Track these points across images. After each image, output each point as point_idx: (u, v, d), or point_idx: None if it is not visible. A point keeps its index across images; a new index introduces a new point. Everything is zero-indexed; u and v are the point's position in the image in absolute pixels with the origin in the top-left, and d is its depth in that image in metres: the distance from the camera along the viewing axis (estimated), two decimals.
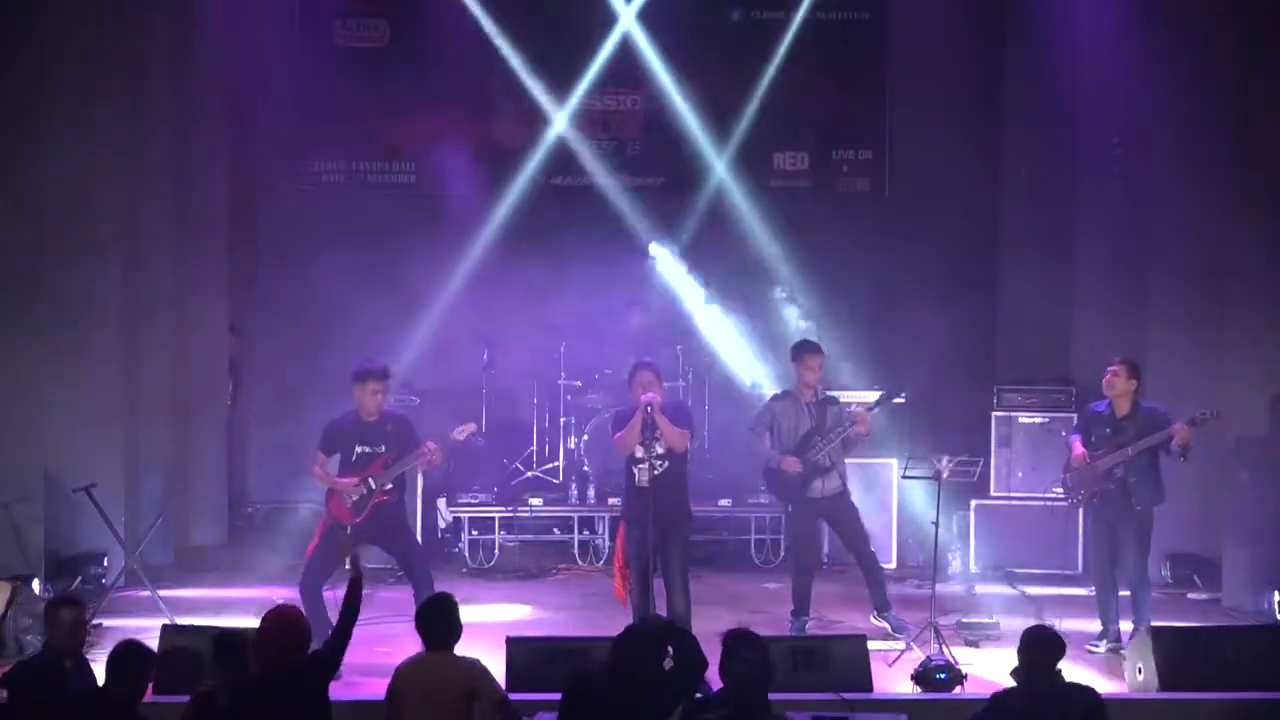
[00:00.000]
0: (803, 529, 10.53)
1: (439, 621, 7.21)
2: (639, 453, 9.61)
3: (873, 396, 11.02)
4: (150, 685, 7.15)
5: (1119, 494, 9.94)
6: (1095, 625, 10.14)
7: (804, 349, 10.54)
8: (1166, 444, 9.77)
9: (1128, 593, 10.08)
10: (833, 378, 11.93)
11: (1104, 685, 8.80)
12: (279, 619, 6.96)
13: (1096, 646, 9.99)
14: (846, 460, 10.55)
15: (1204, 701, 8.31)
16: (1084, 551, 12.00)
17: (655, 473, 9.54)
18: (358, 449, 9.66)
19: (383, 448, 9.64)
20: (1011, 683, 6.98)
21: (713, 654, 7.06)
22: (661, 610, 9.65)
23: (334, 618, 7.56)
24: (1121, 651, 9.56)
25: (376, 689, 7.78)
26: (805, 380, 10.42)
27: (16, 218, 10.49)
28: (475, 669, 7.17)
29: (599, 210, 14.03)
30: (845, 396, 11.22)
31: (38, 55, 10.62)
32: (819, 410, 10.40)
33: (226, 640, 7.32)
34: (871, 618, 10.37)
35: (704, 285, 13.85)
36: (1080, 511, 11.92)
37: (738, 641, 6.71)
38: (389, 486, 9.65)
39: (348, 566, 7.57)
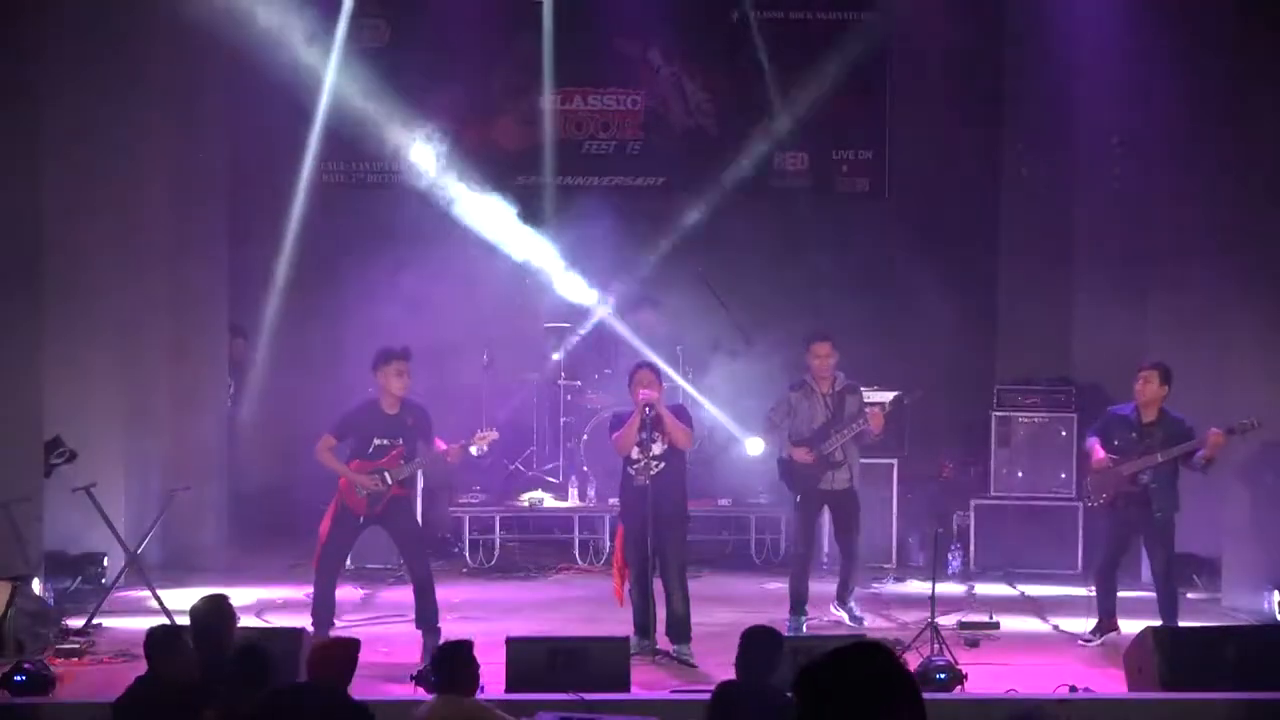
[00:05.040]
0: (807, 522, 10.46)
1: (454, 670, 6.88)
2: (635, 454, 9.62)
3: (884, 395, 10.98)
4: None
5: (1141, 499, 9.97)
6: (1094, 623, 10.18)
7: (810, 337, 10.49)
8: (1193, 454, 9.79)
9: (1129, 593, 10.15)
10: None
11: (1101, 679, 8.83)
12: (332, 652, 6.96)
13: (1089, 640, 10.05)
14: (861, 460, 10.56)
15: (1204, 701, 8.31)
16: (1083, 550, 12.03)
17: (652, 473, 9.55)
18: (376, 441, 9.70)
19: (400, 440, 9.69)
20: None
21: (717, 653, 7.10)
22: (661, 610, 9.68)
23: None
24: (1108, 643, 9.80)
25: (375, 689, 7.80)
26: (815, 369, 10.36)
27: (17, 218, 10.47)
28: (481, 711, 7.05)
29: (602, 210, 14.00)
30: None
31: (38, 55, 10.60)
32: (836, 401, 10.33)
33: (254, 653, 7.14)
34: (832, 607, 10.42)
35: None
36: (1082, 512, 11.97)
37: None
38: (403, 479, 9.72)
39: None
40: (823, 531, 11.53)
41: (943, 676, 8.63)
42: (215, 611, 7.26)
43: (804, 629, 10.12)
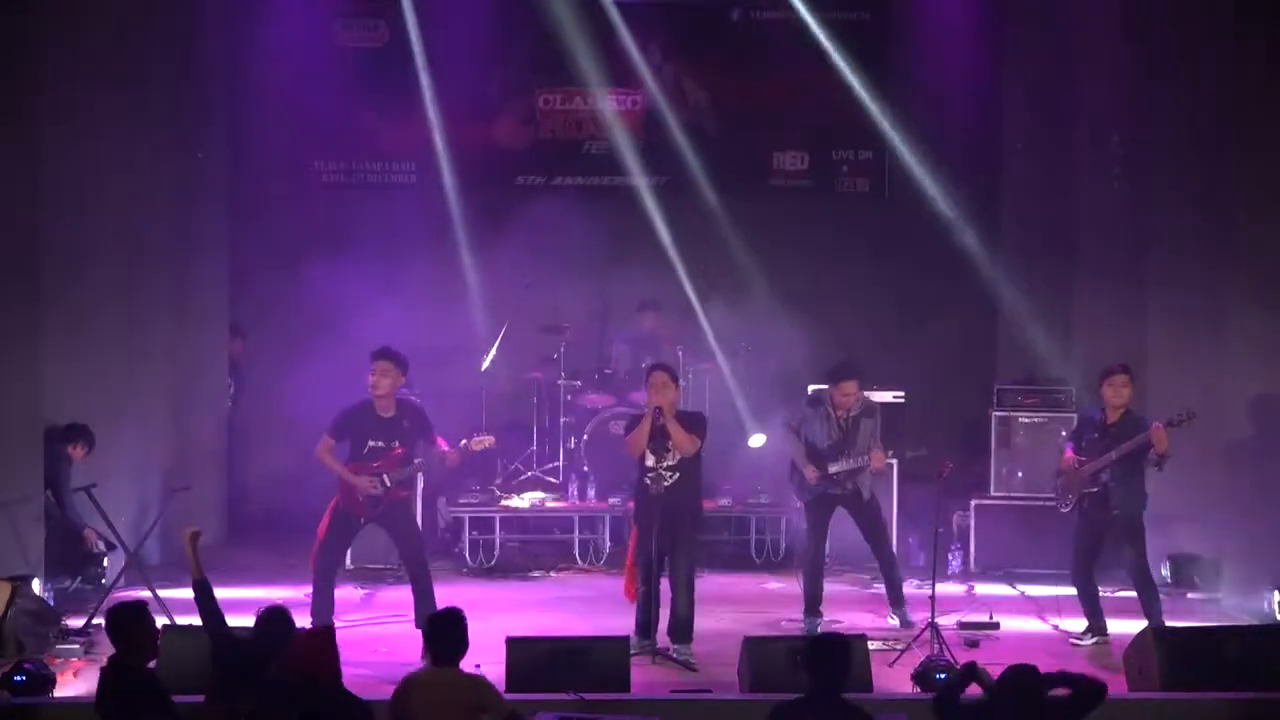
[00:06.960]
0: (818, 523, 10.52)
1: (447, 638, 7.10)
2: (650, 460, 9.61)
3: (882, 395, 11.00)
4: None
5: (1102, 499, 9.98)
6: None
7: (836, 374, 10.47)
8: (1147, 450, 9.78)
9: (1127, 593, 10.16)
10: None
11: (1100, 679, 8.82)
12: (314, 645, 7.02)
13: (1081, 641, 10.08)
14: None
15: (1204, 701, 8.31)
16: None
17: (666, 484, 9.54)
18: (370, 443, 9.68)
19: (396, 443, 9.68)
20: None
21: (717, 654, 7.07)
22: (663, 611, 9.67)
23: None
24: (1100, 642, 9.88)
25: (375, 689, 7.80)
26: (836, 401, 10.41)
27: (16, 219, 10.46)
28: (481, 684, 7.13)
29: (604, 210, 14.00)
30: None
31: (38, 54, 10.59)
32: (851, 425, 10.39)
33: (246, 653, 7.24)
34: (888, 616, 10.50)
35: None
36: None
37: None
38: (403, 481, 9.73)
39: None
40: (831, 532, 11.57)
41: (942, 676, 8.63)
42: (280, 619, 7.37)
43: (818, 630, 10.13)
